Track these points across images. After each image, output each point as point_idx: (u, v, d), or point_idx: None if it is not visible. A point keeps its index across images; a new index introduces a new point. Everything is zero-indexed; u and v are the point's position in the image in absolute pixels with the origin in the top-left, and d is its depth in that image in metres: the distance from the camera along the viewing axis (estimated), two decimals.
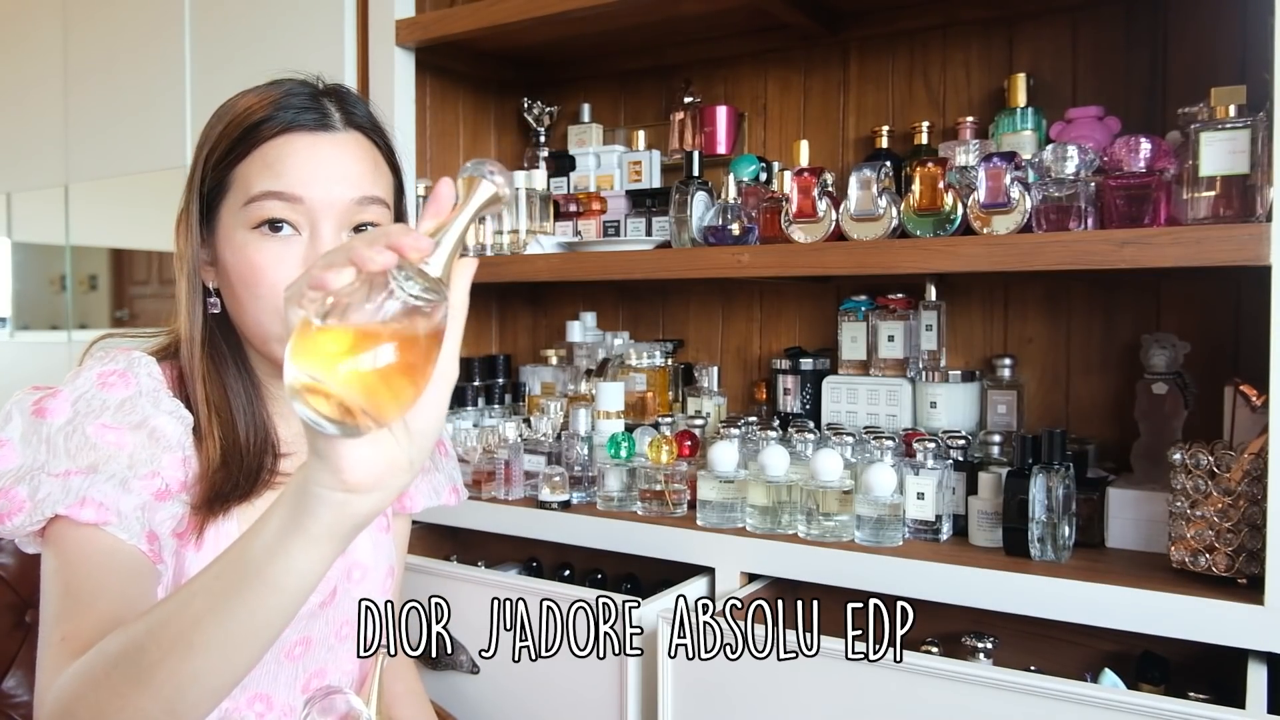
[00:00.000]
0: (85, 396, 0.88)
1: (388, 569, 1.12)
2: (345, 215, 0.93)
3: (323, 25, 1.95)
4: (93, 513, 0.84)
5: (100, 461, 0.86)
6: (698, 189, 1.58)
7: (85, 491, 0.84)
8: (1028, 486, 1.24)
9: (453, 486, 1.25)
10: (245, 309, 0.93)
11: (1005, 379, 1.55)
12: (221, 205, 0.94)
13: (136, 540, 0.86)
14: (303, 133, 0.93)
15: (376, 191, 0.96)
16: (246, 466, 0.94)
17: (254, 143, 0.92)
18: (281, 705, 1.01)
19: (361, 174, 0.95)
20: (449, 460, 1.27)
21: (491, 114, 2.14)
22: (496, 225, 1.79)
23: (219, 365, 0.96)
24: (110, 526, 0.84)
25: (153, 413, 0.90)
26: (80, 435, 0.87)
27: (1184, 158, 1.17)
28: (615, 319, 2.07)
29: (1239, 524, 1.13)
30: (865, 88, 1.78)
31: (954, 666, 1.07)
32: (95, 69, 2.46)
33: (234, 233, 0.93)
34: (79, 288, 2.64)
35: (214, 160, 0.94)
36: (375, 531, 1.11)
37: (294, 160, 0.92)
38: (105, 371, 0.90)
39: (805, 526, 1.38)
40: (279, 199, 0.91)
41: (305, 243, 0.92)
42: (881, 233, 1.36)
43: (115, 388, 0.89)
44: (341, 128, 0.95)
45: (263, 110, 0.93)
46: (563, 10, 1.62)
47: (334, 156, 0.94)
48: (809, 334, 1.85)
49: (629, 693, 1.28)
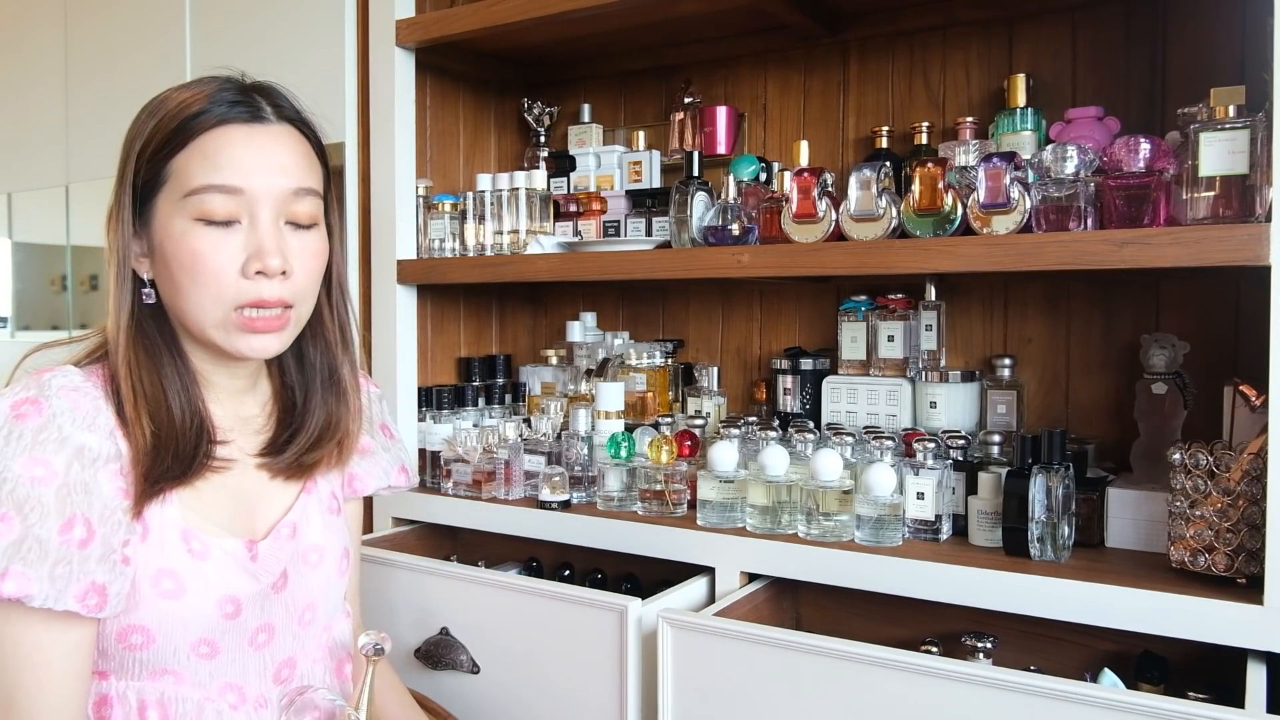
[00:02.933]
0: (1, 434, 0.88)
1: (342, 550, 1.13)
2: (282, 204, 0.97)
3: (323, 25, 1.95)
4: (15, 586, 0.84)
5: (24, 501, 0.86)
6: (698, 189, 1.58)
7: (8, 563, 0.84)
8: (1027, 486, 1.24)
9: (401, 466, 1.27)
10: (186, 295, 0.95)
11: (1005, 379, 1.55)
12: (158, 196, 0.96)
13: (65, 604, 0.87)
14: (238, 125, 0.96)
15: (311, 183, 1.00)
16: (181, 449, 0.96)
17: (190, 134, 0.95)
18: (255, 697, 1.02)
19: (297, 164, 0.99)
20: (395, 443, 1.29)
21: (491, 114, 2.14)
22: (496, 225, 1.80)
23: (151, 354, 0.97)
24: (33, 600, 0.85)
25: (72, 431, 0.91)
26: (4, 475, 0.87)
27: (1183, 158, 1.17)
28: (615, 319, 2.07)
29: (1238, 524, 1.13)
30: (865, 88, 1.78)
31: (954, 666, 1.07)
32: (96, 69, 2.47)
33: (172, 222, 0.95)
34: (79, 288, 2.64)
35: (149, 153, 0.96)
36: (326, 514, 1.12)
37: (232, 152, 0.95)
38: (17, 401, 0.90)
39: (805, 526, 1.38)
40: (220, 191, 0.94)
41: (245, 230, 0.95)
42: (881, 233, 1.36)
43: (29, 417, 0.89)
44: (274, 120, 0.99)
45: (198, 104, 0.96)
46: (563, 10, 1.62)
47: (270, 148, 0.97)
48: (809, 334, 1.85)
49: (629, 693, 1.28)
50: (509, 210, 1.79)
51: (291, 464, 1.07)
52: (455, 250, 1.84)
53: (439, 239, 1.84)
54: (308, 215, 0.99)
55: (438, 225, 1.83)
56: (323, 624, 1.11)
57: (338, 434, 1.10)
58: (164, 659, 0.95)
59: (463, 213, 1.83)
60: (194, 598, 0.96)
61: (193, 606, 0.96)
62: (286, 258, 0.96)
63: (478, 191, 1.82)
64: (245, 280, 0.95)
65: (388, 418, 1.30)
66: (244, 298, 0.95)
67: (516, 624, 1.39)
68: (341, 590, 1.13)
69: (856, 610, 1.44)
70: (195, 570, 0.96)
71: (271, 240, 0.95)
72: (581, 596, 1.33)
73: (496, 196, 1.80)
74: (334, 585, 1.11)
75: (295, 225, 0.99)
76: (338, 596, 1.13)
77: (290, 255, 0.97)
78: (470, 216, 1.82)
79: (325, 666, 1.10)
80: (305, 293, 1.01)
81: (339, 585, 1.12)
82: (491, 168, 2.13)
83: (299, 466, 1.08)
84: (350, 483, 1.20)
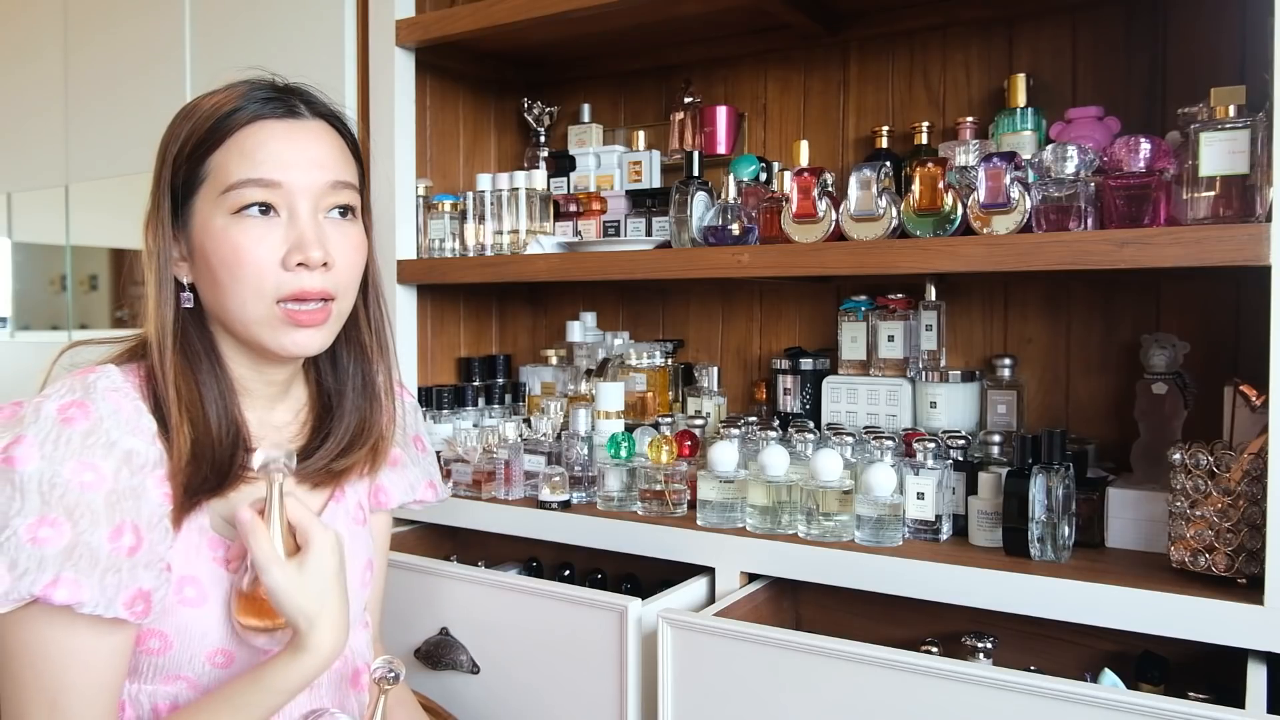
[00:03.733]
0: (50, 438, 0.87)
1: (365, 561, 1.13)
2: (320, 197, 0.97)
3: (323, 25, 1.95)
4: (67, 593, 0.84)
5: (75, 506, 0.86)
6: (698, 189, 1.58)
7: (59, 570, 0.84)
8: (1027, 486, 1.24)
9: (429, 481, 1.26)
10: (227, 291, 0.95)
11: (1005, 379, 1.55)
12: (195, 197, 0.96)
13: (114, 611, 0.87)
14: (274, 120, 0.97)
15: (348, 177, 1.00)
16: (217, 461, 0.95)
17: (226, 132, 0.95)
18: None
19: (333, 158, 0.99)
20: (426, 456, 1.28)
21: (491, 114, 2.14)
22: (496, 225, 1.80)
23: (191, 362, 0.97)
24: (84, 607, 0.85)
25: (120, 436, 0.90)
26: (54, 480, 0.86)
27: (1184, 158, 1.17)
28: (615, 319, 2.07)
29: (1238, 524, 1.13)
30: (865, 88, 1.78)
31: (954, 666, 1.07)
32: (96, 68, 2.47)
33: (211, 220, 0.95)
34: (79, 288, 2.64)
35: (185, 154, 0.96)
36: (352, 524, 1.12)
37: (270, 147, 0.95)
38: (64, 405, 0.89)
39: (805, 526, 1.38)
40: (258, 186, 0.94)
41: (284, 223, 0.95)
42: (881, 233, 1.36)
43: (76, 421, 0.88)
44: (309, 115, 0.99)
45: (232, 103, 0.96)
46: (563, 10, 1.62)
47: (306, 142, 0.97)
48: (809, 334, 1.85)
49: (629, 693, 1.28)
50: (509, 210, 1.79)
51: (322, 470, 1.05)
52: (455, 250, 1.84)
53: (439, 239, 1.84)
54: (347, 208, 1.00)
55: (438, 225, 1.83)
56: None
57: (370, 439, 1.08)
58: (179, 665, 0.95)
59: (463, 213, 1.83)
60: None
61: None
62: (327, 249, 0.96)
63: (478, 191, 1.82)
64: (286, 273, 0.94)
65: (421, 430, 1.28)
66: (285, 290, 0.94)
67: (516, 624, 1.39)
68: (362, 601, 1.13)
69: (856, 610, 1.44)
70: (219, 579, 0.96)
71: (312, 231, 0.95)
72: (581, 597, 1.33)
73: (496, 196, 1.80)
74: (354, 595, 1.10)
75: (334, 218, 0.99)
76: (357, 607, 1.12)
77: (331, 247, 0.97)
78: (470, 216, 1.82)
79: (341, 675, 1.10)
80: (346, 285, 1.00)
81: (359, 596, 1.11)
82: (491, 168, 2.13)
83: (329, 473, 1.06)
84: (376, 495, 1.18)
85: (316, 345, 0.98)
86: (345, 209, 1.00)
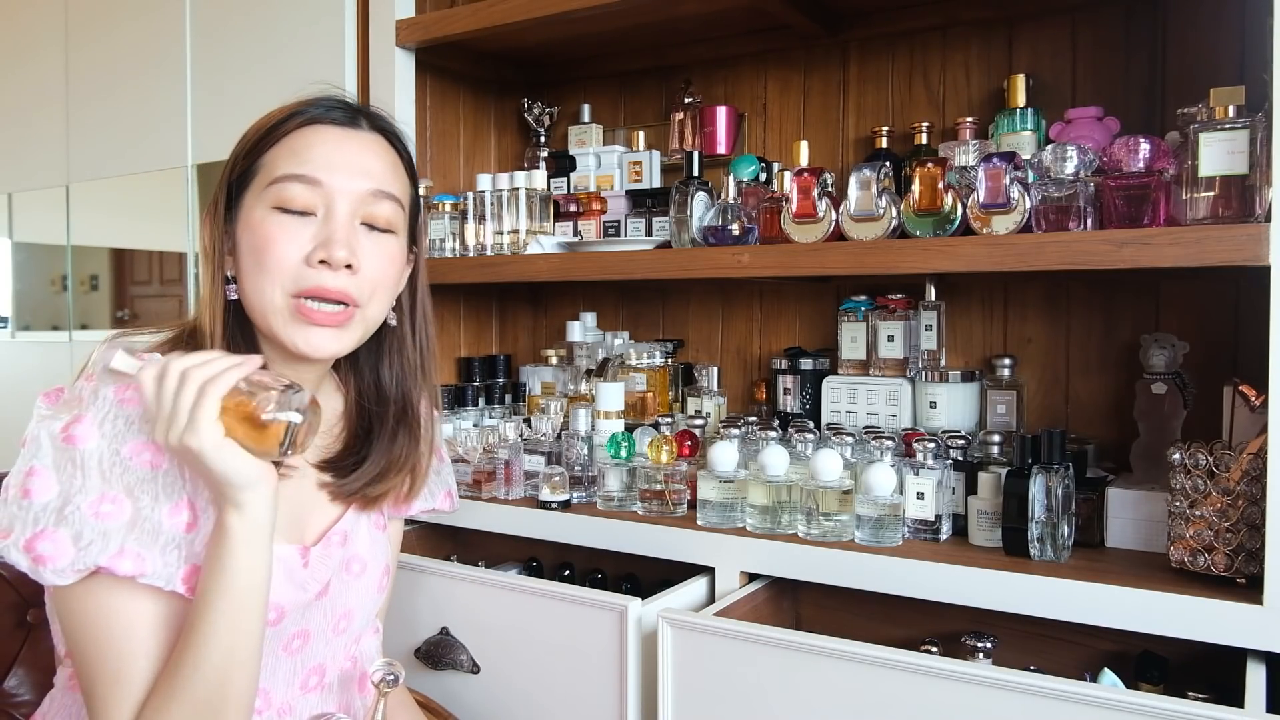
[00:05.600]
0: (109, 417, 0.89)
1: (383, 566, 1.13)
2: (360, 204, 0.98)
3: (323, 25, 1.95)
4: (131, 564, 0.86)
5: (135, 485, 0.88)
6: (698, 189, 1.58)
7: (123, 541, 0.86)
8: (1027, 486, 1.24)
9: (447, 492, 1.27)
10: (251, 280, 0.96)
11: (1005, 379, 1.56)
12: (246, 191, 0.98)
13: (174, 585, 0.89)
14: (331, 126, 0.99)
15: (393, 189, 1.00)
16: None
17: (283, 131, 0.97)
18: (279, 703, 1.01)
19: (382, 170, 1.00)
20: (445, 466, 1.28)
21: (491, 114, 2.14)
22: (497, 225, 1.80)
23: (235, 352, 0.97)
24: (146, 578, 0.87)
25: None
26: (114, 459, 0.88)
27: (1183, 158, 1.17)
28: (615, 319, 2.08)
29: (1238, 524, 1.13)
30: (865, 88, 1.78)
31: (954, 666, 1.07)
32: (96, 69, 2.47)
33: (253, 211, 0.96)
34: (80, 288, 2.64)
35: (244, 151, 0.99)
36: (373, 529, 1.12)
37: (319, 149, 0.97)
38: (120, 386, 0.91)
39: (805, 526, 1.38)
40: (299, 181, 0.95)
41: (319, 222, 0.96)
42: (881, 233, 1.36)
43: (133, 402, 0.90)
44: (367, 128, 1.01)
45: (293, 107, 0.99)
46: (563, 10, 1.62)
47: (357, 151, 0.99)
48: (809, 334, 1.85)
49: (629, 693, 1.28)
50: (509, 210, 1.79)
51: (356, 494, 1.06)
52: (455, 250, 1.84)
53: (439, 239, 1.84)
54: (385, 220, 0.99)
55: (438, 225, 1.83)
56: (354, 634, 1.11)
57: (405, 467, 1.09)
58: None
59: (463, 213, 1.83)
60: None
61: None
62: (355, 252, 0.96)
63: (478, 191, 1.82)
64: (308, 268, 0.94)
65: (439, 440, 1.28)
66: (303, 284, 0.94)
67: (516, 624, 1.39)
68: (378, 605, 1.14)
69: (856, 610, 1.44)
70: None
71: (342, 233, 0.95)
72: (581, 596, 1.33)
73: (496, 196, 1.80)
74: (372, 598, 1.11)
75: (371, 227, 0.98)
76: (373, 610, 1.13)
77: (360, 252, 0.96)
78: (470, 216, 1.82)
79: (350, 677, 1.10)
80: (372, 293, 0.99)
81: (376, 599, 1.12)
82: (491, 168, 2.13)
83: (364, 499, 1.07)
84: (396, 503, 1.18)
85: (330, 348, 0.98)
86: (384, 220, 0.99)
